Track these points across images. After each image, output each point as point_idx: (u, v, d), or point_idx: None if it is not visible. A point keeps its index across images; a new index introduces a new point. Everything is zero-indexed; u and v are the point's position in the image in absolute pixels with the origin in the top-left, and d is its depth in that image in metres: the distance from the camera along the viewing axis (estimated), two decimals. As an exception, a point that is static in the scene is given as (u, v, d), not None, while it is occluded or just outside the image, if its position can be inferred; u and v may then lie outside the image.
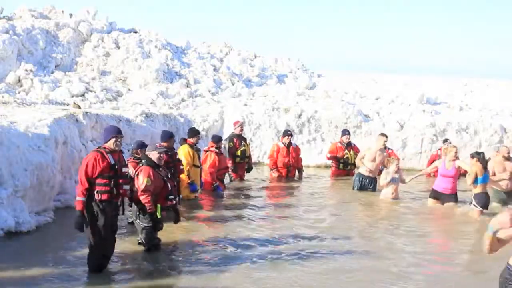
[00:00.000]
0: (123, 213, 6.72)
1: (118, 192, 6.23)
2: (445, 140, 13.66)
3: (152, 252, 6.86)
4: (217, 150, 10.67)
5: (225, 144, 11.55)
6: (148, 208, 6.77)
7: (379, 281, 6.24)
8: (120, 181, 6.23)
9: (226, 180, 11.32)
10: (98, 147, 6.23)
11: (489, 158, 13.86)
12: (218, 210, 9.51)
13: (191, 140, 10.02)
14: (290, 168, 12.54)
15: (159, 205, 6.89)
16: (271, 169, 12.55)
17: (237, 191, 10.94)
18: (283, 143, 12.57)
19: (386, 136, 11.58)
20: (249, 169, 12.16)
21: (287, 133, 12.67)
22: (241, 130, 12.21)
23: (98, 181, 6.03)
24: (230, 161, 11.68)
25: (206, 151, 10.79)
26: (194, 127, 10.89)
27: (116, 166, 6.16)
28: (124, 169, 6.36)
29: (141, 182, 6.78)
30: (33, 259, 6.47)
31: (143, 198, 6.76)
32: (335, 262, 6.79)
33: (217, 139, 10.85)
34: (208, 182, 10.58)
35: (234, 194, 10.60)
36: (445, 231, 8.96)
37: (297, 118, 15.29)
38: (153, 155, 7.10)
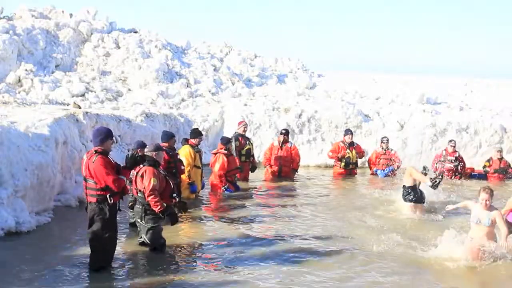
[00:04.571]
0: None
1: (122, 191, 6.24)
2: (450, 141, 13.64)
3: (153, 252, 6.86)
4: (226, 152, 10.67)
5: (232, 144, 11.52)
6: (159, 207, 6.74)
7: (377, 281, 6.25)
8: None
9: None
10: (96, 151, 6.09)
11: (490, 158, 13.95)
12: (219, 210, 9.51)
13: (193, 141, 10.02)
14: (282, 167, 12.54)
15: (164, 204, 6.89)
16: (265, 166, 12.59)
17: (237, 191, 10.92)
18: (278, 141, 12.62)
19: None
20: (253, 169, 12.15)
21: (281, 132, 12.77)
22: (244, 130, 12.21)
23: None
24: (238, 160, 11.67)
25: (215, 154, 10.79)
26: (197, 128, 10.88)
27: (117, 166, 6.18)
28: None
29: (148, 182, 6.76)
30: (33, 259, 6.47)
31: (152, 198, 6.74)
32: (334, 261, 6.79)
33: (225, 141, 10.84)
34: (218, 186, 10.59)
35: (234, 194, 10.59)
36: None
37: (297, 118, 15.30)
38: (158, 155, 7.13)
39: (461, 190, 11.67)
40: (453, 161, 13.17)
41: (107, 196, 6.00)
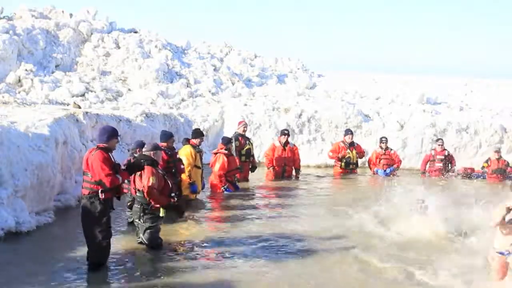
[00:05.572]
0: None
1: (116, 190, 6.26)
2: (438, 140, 13.77)
3: (152, 252, 6.87)
4: (226, 152, 10.68)
5: (232, 144, 11.52)
6: (161, 202, 6.84)
7: (374, 281, 6.25)
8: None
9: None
10: (98, 146, 6.19)
11: (488, 158, 13.96)
12: (219, 210, 9.53)
13: (194, 141, 10.01)
14: (285, 168, 12.57)
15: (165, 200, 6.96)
16: (268, 168, 12.61)
17: (237, 191, 10.93)
18: (279, 142, 12.63)
19: None
20: (253, 169, 12.14)
21: (284, 133, 12.76)
22: (244, 130, 12.21)
23: None
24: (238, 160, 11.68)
25: (216, 153, 10.79)
26: (198, 128, 10.88)
27: (116, 166, 6.20)
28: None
29: (146, 181, 6.83)
30: (33, 259, 6.47)
31: (152, 196, 6.82)
32: (334, 262, 6.80)
33: (226, 141, 10.84)
34: (217, 186, 10.60)
35: (234, 194, 10.60)
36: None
37: (297, 118, 15.31)
38: (156, 155, 7.17)
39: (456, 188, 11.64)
40: (442, 160, 13.33)
41: (99, 191, 6.02)
